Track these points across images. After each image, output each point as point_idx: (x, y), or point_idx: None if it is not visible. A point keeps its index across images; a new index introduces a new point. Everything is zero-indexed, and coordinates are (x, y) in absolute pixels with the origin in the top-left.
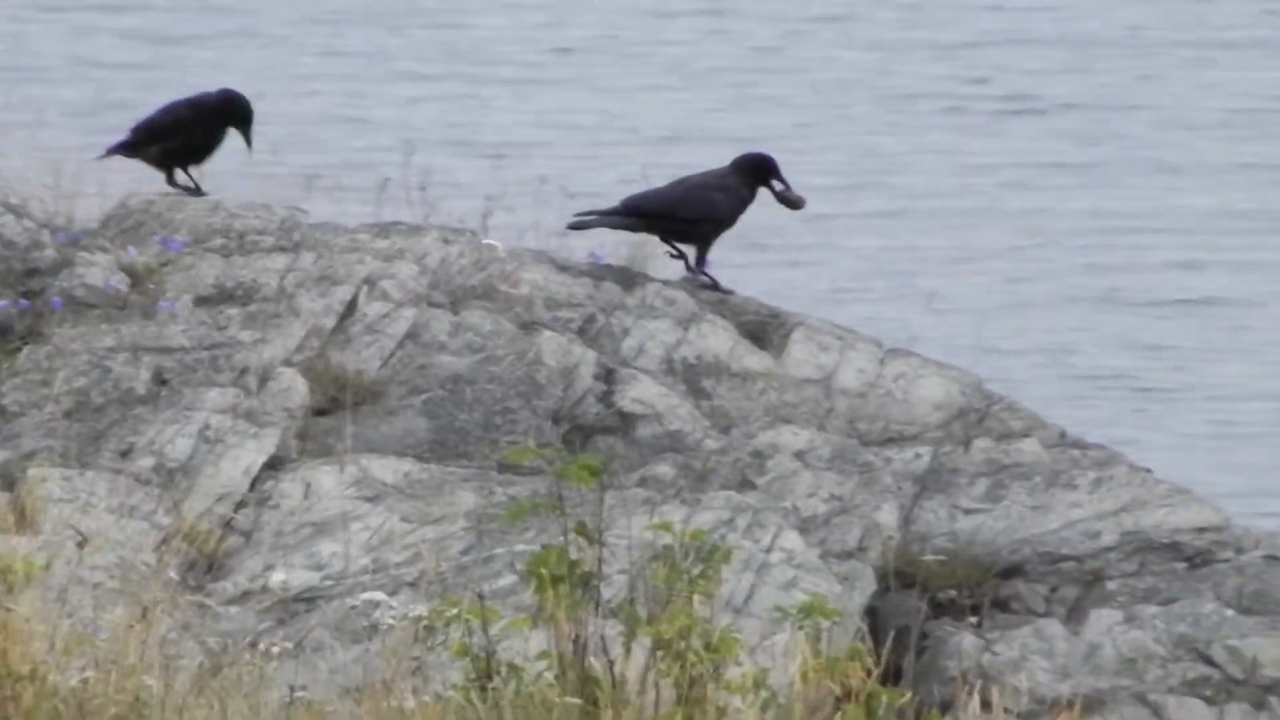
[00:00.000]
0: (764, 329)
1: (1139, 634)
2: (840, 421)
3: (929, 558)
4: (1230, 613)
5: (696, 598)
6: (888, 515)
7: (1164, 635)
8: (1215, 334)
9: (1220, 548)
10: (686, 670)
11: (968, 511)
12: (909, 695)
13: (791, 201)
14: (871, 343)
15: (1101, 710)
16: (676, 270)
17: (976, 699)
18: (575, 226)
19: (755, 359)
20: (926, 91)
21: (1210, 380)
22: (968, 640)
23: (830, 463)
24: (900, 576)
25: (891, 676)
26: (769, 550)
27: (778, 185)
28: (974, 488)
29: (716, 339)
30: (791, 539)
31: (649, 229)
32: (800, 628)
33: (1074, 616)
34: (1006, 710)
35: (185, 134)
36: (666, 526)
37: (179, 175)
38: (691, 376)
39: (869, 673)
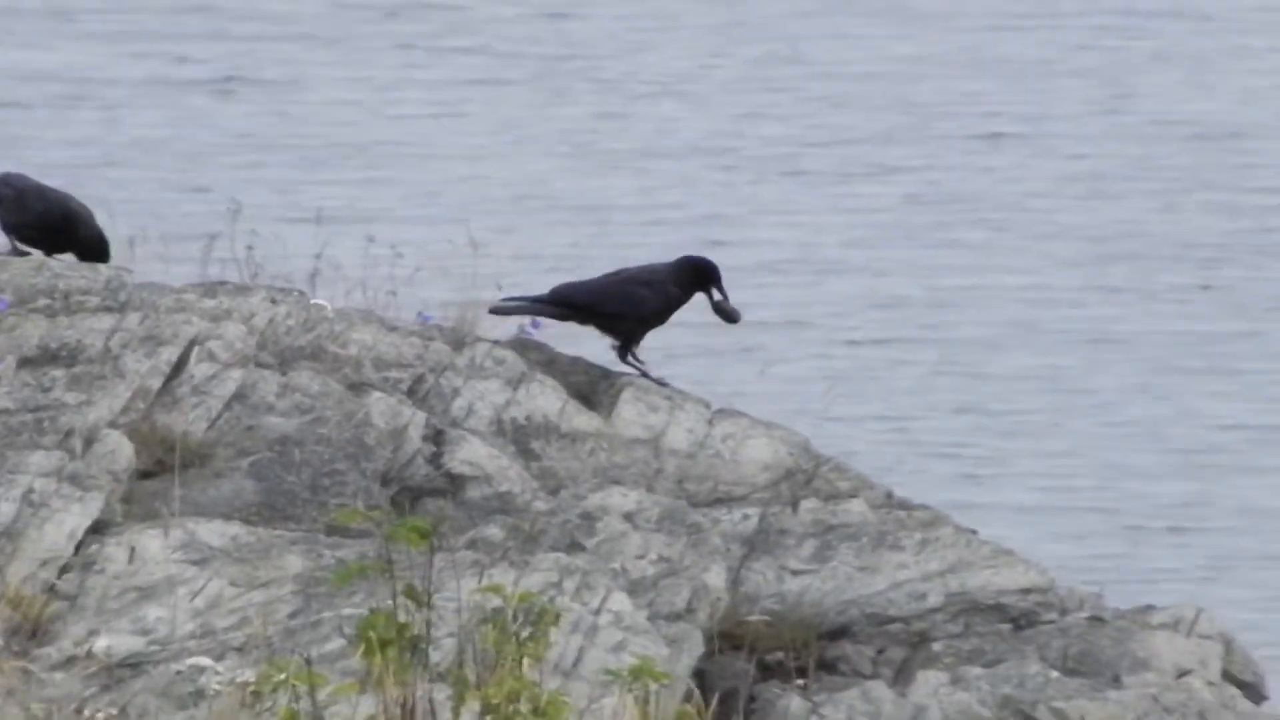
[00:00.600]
0: (593, 389)
1: (965, 695)
2: (669, 482)
3: (756, 619)
4: (1055, 674)
5: (525, 661)
6: (716, 577)
7: (989, 697)
8: (1052, 398)
9: (1045, 609)
10: None
11: (795, 572)
12: None
13: (727, 314)
14: (700, 403)
15: None
16: (507, 330)
17: None
18: (498, 311)
19: (584, 419)
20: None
21: (1042, 448)
22: (795, 702)
23: (659, 524)
24: (728, 638)
25: None
26: (598, 612)
27: (716, 295)
28: (801, 549)
29: (546, 399)
30: (620, 601)
31: (575, 319)
32: (629, 690)
33: (900, 678)
34: None
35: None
36: (496, 589)
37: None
38: (521, 437)
39: None
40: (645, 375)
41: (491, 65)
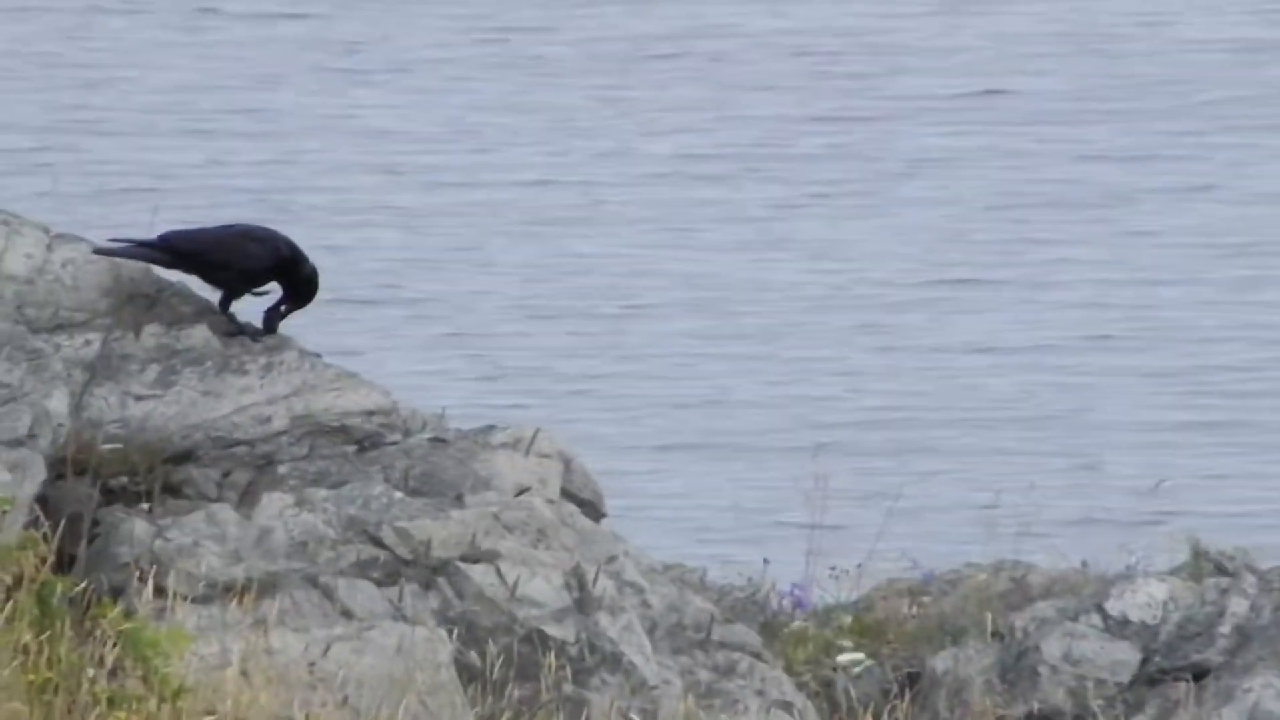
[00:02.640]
0: None
1: (310, 517)
2: (8, 308)
3: (103, 446)
4: (399, 494)
5: None
6: (58, 402)
7: (334, 518)
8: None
9: (389, 430)
10: None
11: (139, 398)
12: (82, 583)
13: (269, 325)
14: (39, 227)
15: (274, 594)
16: None
17: (150, 585)
18: (103, 252)
19: None
20: None
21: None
22: (139, 526)
23: None
24: (73, 464)
25: (65, 564)
26: None
27: (285, 306)
28: (145, 374)
29: None
30: None
31: (181, 266)
32: None
33: (246, 501)
34: (180, 596)
35: None
36: None
37: None
38: None
39: (42, 561)
40: (242, 330)
41: None
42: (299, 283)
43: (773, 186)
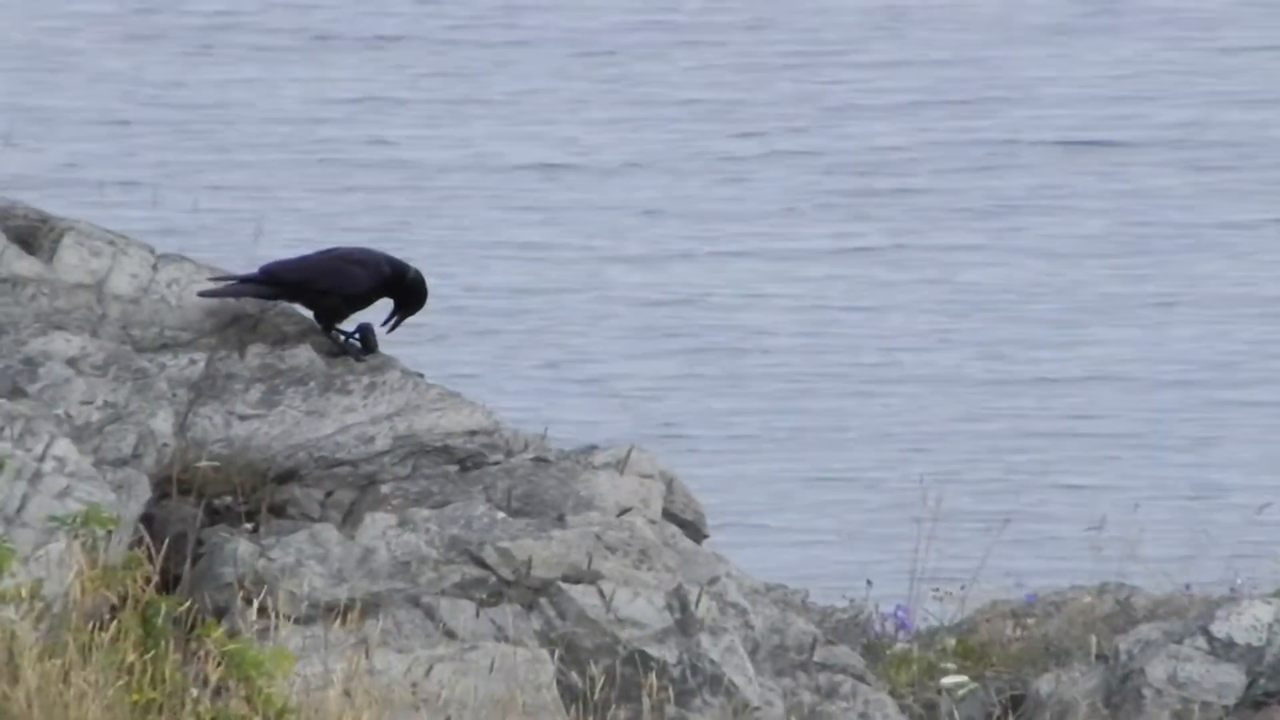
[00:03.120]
0: (34, 234)
1: (412, 537)
2: (114, 328)
3: (204, 464)
4: (501, 514)
5: None
6: (163, 422)
7: (437, 538)
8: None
9: (491, 450)
10: None
11: (243, 418)
12: (187, 603)
13: (369, 342)
14: (144, 248)
15: (377, 614)
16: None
17: (254, 605)
18: (208, 294)
19: (25, 264)
20: None
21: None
22: (243, 546)
23: (103, 369)
24: (177, 484)
25: (170, 584)
26: (42, 459)
27: (394, 319)
28: (249, 394)
29: None
30: (64, 447)
31: (285, 296)
32: (76, 536)
33: (349, 521)
34: (283, 616)
35: None
36: None
37: None
38: None
39: (146, 581)
40: (348, 349)
41: None
42: (406, 293)
43: (891, 212)
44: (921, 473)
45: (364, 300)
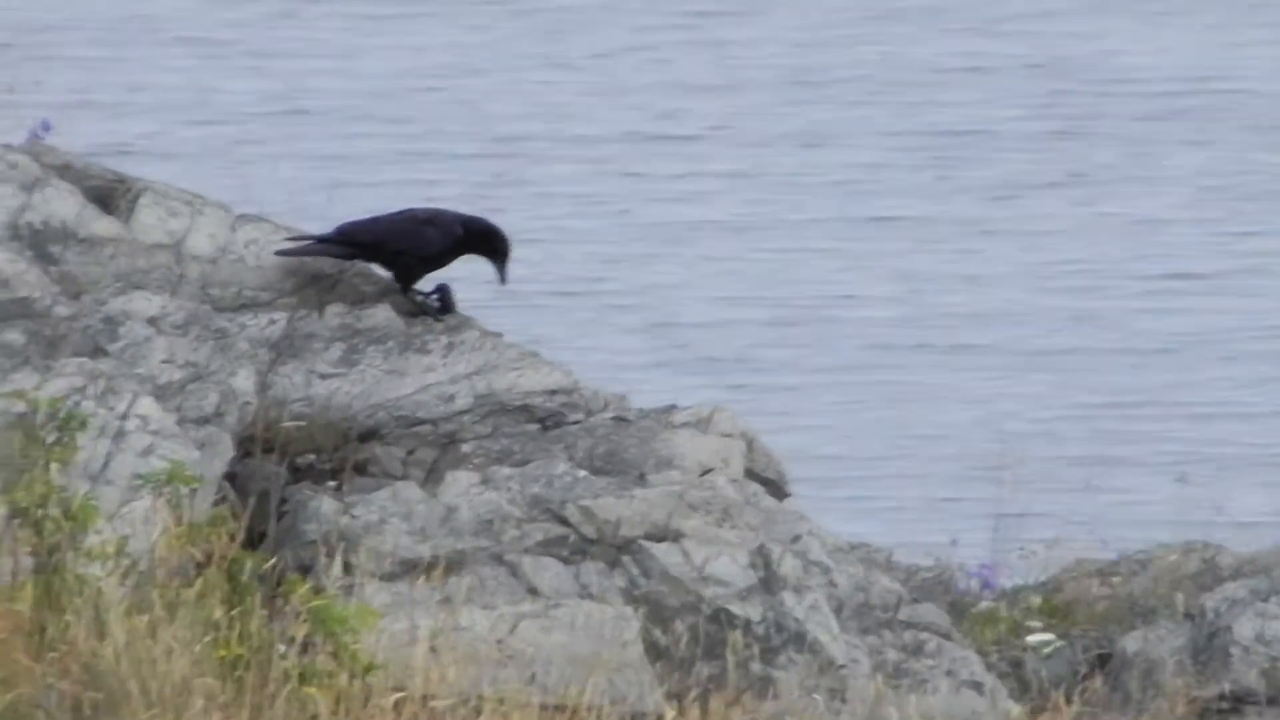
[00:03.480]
0: (111, 194)
1: (494, 495)
2: (193, 287)
3: (288, 423)
4: (583, 473)
5: (54, 465)
6: (244, 381)
7: (519, 496)
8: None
9: (571, 410)
10: (45, 538)
11: (324, 376)
12: (272, 560)
13: (445, 306)
14: (221, 208)
15: (460, 571)
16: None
17: (338, 562)
18: (285, 254)
19: (103, 224)
20: None
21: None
22: (327, 504)
23: (184, 329)
24: (260, 442)
25: (254, 541)
26: (125, 417)
27: (496, 272)
28: (329, 353)
29: (63, 204)
30: (147, 405)
31: (361, 256)
32: (160, 494)
33: (431, 479)
34: (368, 572)
35: None
36: (21, 395)
37: None
38: (38, 242)
39: (231, 538)
40: (426, 309)
41: None
42: (488, 246)
43: (982, 175)
44: (1007, 432)
45: (437, 261)
